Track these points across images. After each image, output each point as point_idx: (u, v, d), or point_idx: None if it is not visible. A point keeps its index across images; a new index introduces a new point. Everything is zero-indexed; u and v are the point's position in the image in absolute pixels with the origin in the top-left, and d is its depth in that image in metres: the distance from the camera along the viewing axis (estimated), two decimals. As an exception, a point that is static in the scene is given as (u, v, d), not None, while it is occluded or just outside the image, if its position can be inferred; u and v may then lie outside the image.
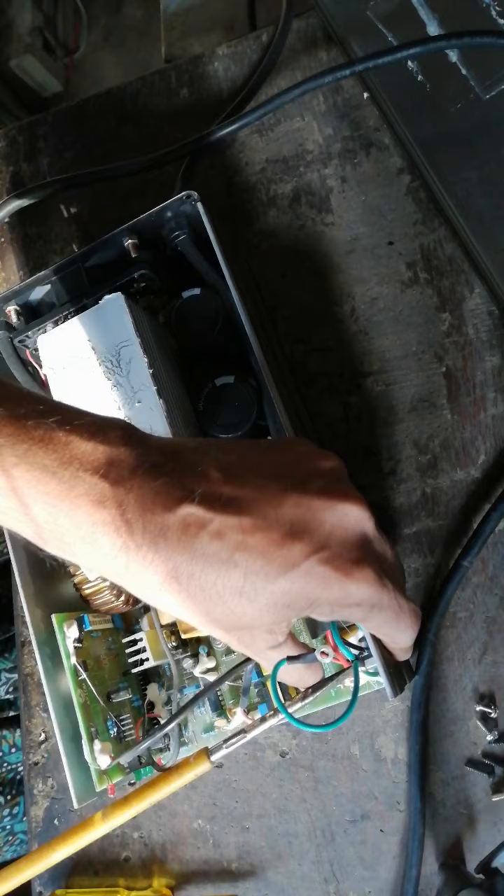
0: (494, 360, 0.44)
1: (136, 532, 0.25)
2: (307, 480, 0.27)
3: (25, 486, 0.25)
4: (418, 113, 0.47)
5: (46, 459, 0.25)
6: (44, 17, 1.62)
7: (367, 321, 0.47)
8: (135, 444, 0.26)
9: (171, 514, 0.25)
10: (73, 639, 0.38)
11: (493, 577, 0.42)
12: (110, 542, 0.25)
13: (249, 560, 0.25)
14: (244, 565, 0.25)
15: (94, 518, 0.25)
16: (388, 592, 0.27)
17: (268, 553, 0.25)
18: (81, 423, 0.26)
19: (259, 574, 0.25)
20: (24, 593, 0.38)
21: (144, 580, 0.26)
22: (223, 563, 0.25)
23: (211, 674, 0.40)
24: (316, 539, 0.26)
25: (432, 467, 0.44)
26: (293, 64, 0.52)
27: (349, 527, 0.27)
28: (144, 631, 0.40)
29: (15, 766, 0.68)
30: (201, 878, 0.45)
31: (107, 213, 0.53)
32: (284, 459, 0.28)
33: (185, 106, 0.53)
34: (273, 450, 0.29)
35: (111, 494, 0.25)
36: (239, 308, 0.37)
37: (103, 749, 0.36)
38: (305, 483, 0.27)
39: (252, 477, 0.26)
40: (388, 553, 0.29)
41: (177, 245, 0.42)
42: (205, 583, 0.25)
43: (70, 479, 0.25)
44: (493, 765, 0.41)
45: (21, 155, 0.56)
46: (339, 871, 0.43)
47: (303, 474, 0.27)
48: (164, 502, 0.25)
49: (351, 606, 0.27)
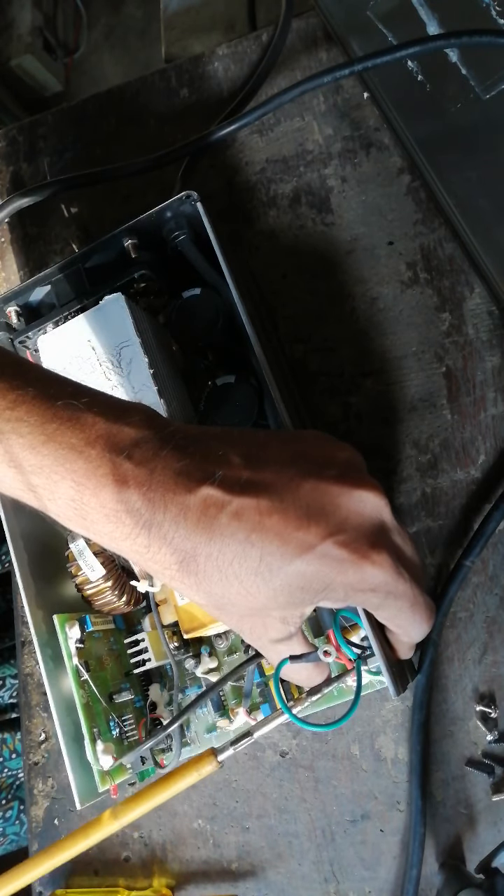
0: (494, 359, 0.44)
1: (158, 511, 0.25)
2: (325, 467, 0.27)
3: (53, 464, 0.26)
4: (418, 113, 0.47)
5: (74, 439, 0.26)
6: (44, 17, 1.62)
7: (367, 321, 0.47)
8: (158, 427, 0.27)
9: (191, 494, 0.25)
10: (74, 639, 0.38)
11: (493, 577, 0.42)
12: (133, 521, 0.26)
13: (266, 541, 0.25)
14: (260, 546, 0.25)
15: (118, 496, 0.26)
16: (403, 580, 0.28)
17: (284, 535, 0.25)
18: (108, 406, 0.27)
19: (275, 555, 0.25)
20: (25, 594, 0.38)
21: (164, 560, 0.26)
22: (240, 543, 0.25)
23: (213, 674, 0.40)
24: (332, 522, 0.26)
25: (432, 467, 0.44)
26: (293, 64, 0.52)
27: (366, 512, 0.27)
28: (146, 631, 0.40)
29: (15, 771, 0.68)
30: (201, 878, 0.45)
31: (107, 213, 0.53)
32: (303, 448, 0.28)
33: (185, 106, 0.53)
34: (293, 439, 0.29)
35: (135, 474, 0.26)
36: (239, 308, 0.37)
37: (105, 750, 0.36)
38: (323, 469, 0.27)
39: (271, 463, 0.27)
40: (406, 543, 0.29)
41: (177, 245, 0.42)
42: (222, 563, 0.26)
43: (96, 459, 0.26)
44: (493, 765, 0.41)
45: (21, 155, 0.56)
46: (339, 871, 0.43)
47: (321, 462, 0.28)
48: (185, 483, 0.26)
49: (366, 592, 0.27)
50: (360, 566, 0.26)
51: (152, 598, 0.38)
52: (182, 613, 0.37)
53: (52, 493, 0.26)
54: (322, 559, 0.26)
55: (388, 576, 0.27)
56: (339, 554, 0.26)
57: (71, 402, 0.27)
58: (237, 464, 0.26)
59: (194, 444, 0.27)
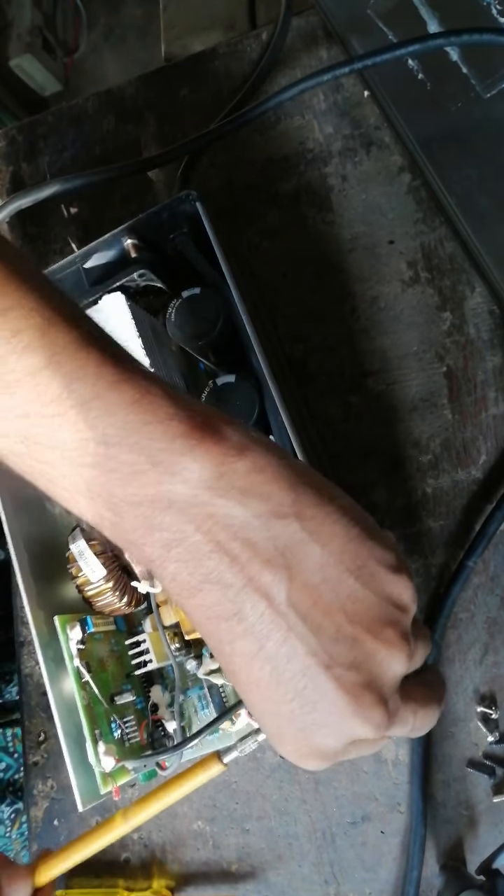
0: (496, 359, 0.44)
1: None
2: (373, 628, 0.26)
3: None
4: (419, 111, 0.46)
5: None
6: (44, 16, 1.62)
7: (367, 320, 0.47)
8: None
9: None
10: (76, 641, 0.37)
11: (493, 578, 0.42)
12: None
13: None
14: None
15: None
16: (416, 723, 0.27)
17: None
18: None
19: None
20: (26, 595, 0.38)
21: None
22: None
23: (214, 675, 0.40)
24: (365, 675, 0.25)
25: (433, 467, 0.44)
26: (293, 62, 0.51)
27: (391, 673, 0.26)
28: (147, 632, 0.40)
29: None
30: (201, 880, 0.45)
31: (107, 212, 0.53)
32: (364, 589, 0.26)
33: (185, 104, 0.53)
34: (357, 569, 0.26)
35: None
36: (239, 307, 0.37)
37: (107, 751, 0.36)
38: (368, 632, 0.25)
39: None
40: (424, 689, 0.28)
41: (177, 244, 0.42)
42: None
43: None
44: (494, 766, 0.41)
45: (21, 155, 0.56)
46: (339, 872, 0.42)
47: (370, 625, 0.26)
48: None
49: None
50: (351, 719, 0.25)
51: (153, 598, 0.38)
52: (183, 614, 0.37)
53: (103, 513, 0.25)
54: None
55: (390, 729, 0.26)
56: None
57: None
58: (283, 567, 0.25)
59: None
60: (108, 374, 0.24)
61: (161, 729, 0.41)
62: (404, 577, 0.26)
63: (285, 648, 0.24)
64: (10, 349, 0.24)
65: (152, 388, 0.24)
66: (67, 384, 0.24)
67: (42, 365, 0.24)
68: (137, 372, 0.25)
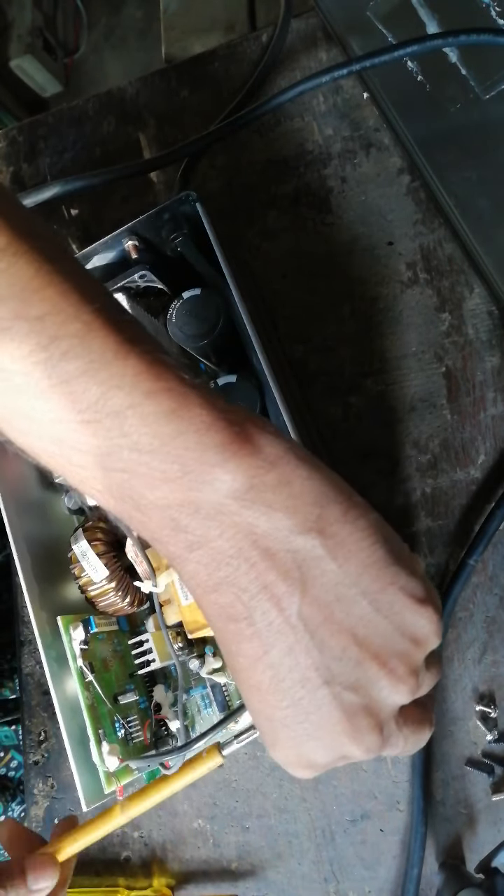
0: (494, 360, 0.44)
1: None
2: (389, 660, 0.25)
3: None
4: (418, 113, 0.47)
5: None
6: (44, 17, 1.62)
7: (367, 321, 0.47)
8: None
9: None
10: (79, 641, 0.38)
11: (492, 577, 0.42)
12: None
13: None
14: None
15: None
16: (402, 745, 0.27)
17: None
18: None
19: None
20: (28, 596, 0.38)
21: None
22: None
23: (217, 674, 0.40)
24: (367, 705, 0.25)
25: (432, 467, 0.44)
26: (293, 64, 0.52)
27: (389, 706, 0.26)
28: (150, 632, 0.40)
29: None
30: (201, 878, 0.45)
31: (107, 213, 0.53)
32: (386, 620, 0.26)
33: (185, 106, 0.53)
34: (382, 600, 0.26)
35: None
36: (239, 308, 0.37)
37: (111, 751, 0.36)
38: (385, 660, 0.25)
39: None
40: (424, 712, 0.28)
41: (177, 245, 0.43)
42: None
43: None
44: (493, 764, 0.41)
45: (21, 155, 0.56)
46: (339, 870, 0.43)
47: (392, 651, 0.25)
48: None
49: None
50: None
51: (156, 598, 0.38)
52: (186, 614, 0.37)
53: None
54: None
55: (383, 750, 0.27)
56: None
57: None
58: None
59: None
60: (145, 382, 0.24)
61: (164, 728, 0.41)
62: (428, 609, 0.25)
63: (288, 658, 0.25)
64: (46, 356, 0.24)
65: (190, 396, 0.24)
66: (104, 392, 0.24)
67: (79, 372, 0.24)
68: (175, 378, 0.24)
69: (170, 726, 0.41)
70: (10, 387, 0.24)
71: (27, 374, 0.24)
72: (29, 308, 0.24)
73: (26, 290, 0.24)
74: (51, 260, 0.24)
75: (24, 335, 0.24)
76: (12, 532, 0.39)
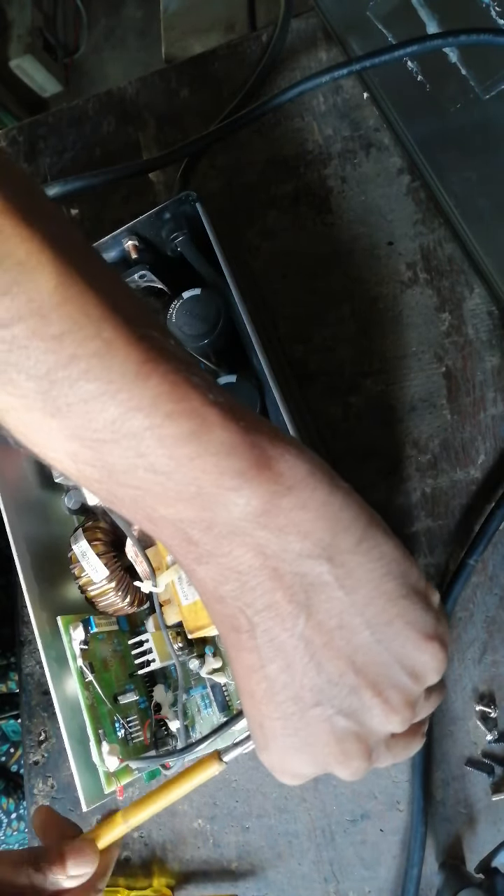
0: (494, 360, 0.44)
1: None
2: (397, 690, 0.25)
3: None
4: (418, 113, 0.47)
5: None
6: (44, 17, 1.62)
7: (367, 321, 0.47)
8: None
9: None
10: (79, 641, 0.38)
11: (492, 577, 0.42)
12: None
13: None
14: None
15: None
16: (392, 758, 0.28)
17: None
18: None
19: None
20: (28, 596, 0.38)
21: None
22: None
23: (217, 674, 0.40)
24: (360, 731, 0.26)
25: (432, 467, 0.44)
26: (293, 64, 0.52)
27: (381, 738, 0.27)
28: (150, 632, 0.40)
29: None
30: (201, 878, 0.45)
31: (107, 214, 0.53)
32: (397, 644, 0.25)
33: (185, 106, 0.53)
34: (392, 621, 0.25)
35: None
36: (239, 308, 0.37)
37: (111, 751, 0.36)
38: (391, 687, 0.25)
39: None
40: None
41: (177, 245, 0.43)
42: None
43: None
44: (493, 764, 0.41)
45: (21, 155, 0.56)
46: (338, 870, 0.43)
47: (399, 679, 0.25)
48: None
49: None
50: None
51: (156, 598, 0.38)
52: (186, 613, 0.37)
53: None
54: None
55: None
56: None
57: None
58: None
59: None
60: (166, 404, 0.23)
61: (164, 728, 0.41)
62: (434, 645, 0.25)
63: (284, 675, 0.25)
64: (64, 375, 0.23)
65: (210, 417, 0.23)
66: (122, 413, 0.23)
67: (98, 392, 0.23)
68: (198, 397, 0.24)
69: (170, 726, 0.41)
70: (27, 404, 0.23)
71: (44, 393, 0.23)
72: (48, 326, 0.22)
73: (45, 306, 0.22)
74: (72, 269, 0.23)
75: (42, 353, 0.22)
76: (12, 532, 0.39)
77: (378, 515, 0.26)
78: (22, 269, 0.22)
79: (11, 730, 0.67)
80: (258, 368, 0.38)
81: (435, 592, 0.26)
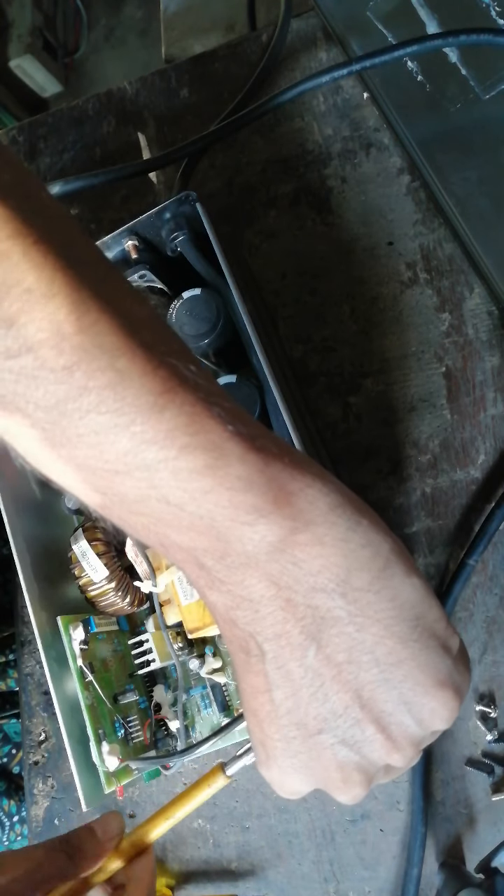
0: (494, 360, 0.44)
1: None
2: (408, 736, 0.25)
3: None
4: (418, 113, 0.47)
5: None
6: (44, 17, 1.62)
7: (366, 321, 0.47)
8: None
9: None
10: (78, 641, 0.38)
11: (492, 577, 0.42)
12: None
13: None
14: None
15: None
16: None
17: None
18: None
19: None
20: (28, 596, 0.38)
21: None
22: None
23: (217, 674, 0.40)
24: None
25: (432, 467, 0.44)
26: (293, 64, 0.52)
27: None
28: (150, 632, 0.40)
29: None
30: (201, 878, 0.45)
31: (107, 214, 0.53)
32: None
33: (185, 106, 0.53)
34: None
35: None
36: (239, 308, 0.37)
37: (111, 751, 0.36)
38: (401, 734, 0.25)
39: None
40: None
41: (177, 245, 0.43)
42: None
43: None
44: (493, 764, 0.41)
45: (21, 155, 0.56)
46: (338, 870, 0.43)
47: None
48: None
49: None
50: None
51: (156, 598, 0.39)
52: (186, 613, 0.37)
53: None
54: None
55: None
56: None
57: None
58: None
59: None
60: (181, 437, 0.22)
61: (164, 728, 0.41)
62: (446, 693, 0.25)
63: (289, 702, 0.25)
64: (74, 407, 0.22)
65: (227, 449, 0.22)
66: (135, 446, 0.22)
67: (111, 425, 0.22)
68: (217, 427, 0.23)
69: (170, 726, 0.41)
70: (35, 434, 0.23)
71: (53, 423, 0.22)
72: (58, 357, 0.21)
73: (56, 336, 0.21)
74: (86, 294, 0.21)
75: (51, 384, 0.21)
76: (12, 532, 0.39)
77: (406, 552, 0.25)
78: (31, 297, 0.21)
79: (13, 731, 0.67)
80: (258, 368, 0.38)
81: (455, 637, 0.26)
